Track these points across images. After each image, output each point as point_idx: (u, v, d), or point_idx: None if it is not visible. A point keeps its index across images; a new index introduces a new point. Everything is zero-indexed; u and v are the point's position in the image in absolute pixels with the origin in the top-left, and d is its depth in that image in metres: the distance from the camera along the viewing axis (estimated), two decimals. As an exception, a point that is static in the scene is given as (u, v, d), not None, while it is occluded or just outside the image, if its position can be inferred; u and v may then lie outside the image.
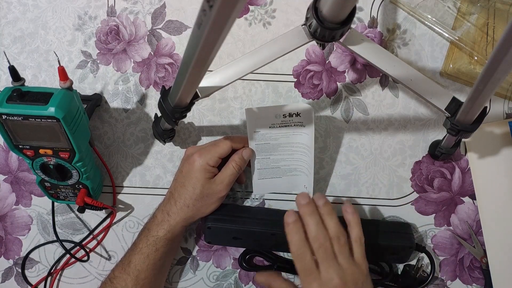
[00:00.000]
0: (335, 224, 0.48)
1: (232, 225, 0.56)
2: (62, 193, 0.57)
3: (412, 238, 0.57)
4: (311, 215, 0.49)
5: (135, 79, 0.60)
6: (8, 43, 0.60)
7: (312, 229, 0.48)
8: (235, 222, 0.56)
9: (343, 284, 0.46)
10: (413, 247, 0.57)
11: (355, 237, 0.49)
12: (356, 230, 0.50)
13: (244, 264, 0.59)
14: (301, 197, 0.50)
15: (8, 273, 0.62)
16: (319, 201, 0.50)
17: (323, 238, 0.47)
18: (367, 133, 0.61)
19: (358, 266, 0.48)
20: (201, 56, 0.33)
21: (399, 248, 0.56)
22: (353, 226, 0.50)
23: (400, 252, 0.57)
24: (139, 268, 0.53)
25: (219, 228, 0.56)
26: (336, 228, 0.48)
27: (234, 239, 0.56)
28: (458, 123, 0.47)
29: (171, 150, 0.61)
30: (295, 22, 0.60)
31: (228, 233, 0.56)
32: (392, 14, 0.60)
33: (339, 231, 0.48)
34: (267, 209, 0.61)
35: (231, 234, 0.56)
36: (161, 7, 0.60)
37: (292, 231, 0.49)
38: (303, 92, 0.61)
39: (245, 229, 0.56)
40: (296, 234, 0.48)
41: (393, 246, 0.56)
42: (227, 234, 0.56)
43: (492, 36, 0.58)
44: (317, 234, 0.47)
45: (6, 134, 0.47)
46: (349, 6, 0.37)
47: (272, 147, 0.56)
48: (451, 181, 0.61)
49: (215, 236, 0.57)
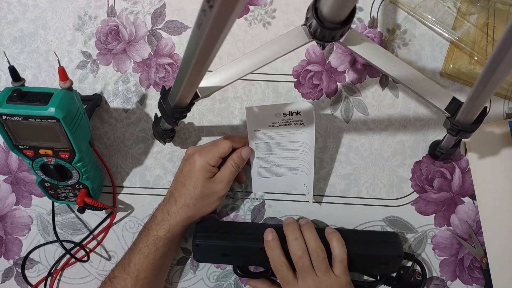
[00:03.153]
0: (313, 240, 0.53)
1: (220, 242, 0.55)
2: (62, 193, 0.57)
3: (400, 247, 0.57)
4: (292, 232, 0.54)
5: (135, 79, 0.61)
6: (8, 43, 0.60)
7: (292, 244, 0.53)
8: (224, 239, 0.56)
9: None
10: (402, 255, 0.56)
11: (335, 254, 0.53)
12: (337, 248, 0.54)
13: (239, 271, 0.59)
14: (286, 219, 0.58)
15: (8, 273, 0.62)
16: (302, 221, 0.57)
17: (301, 252, 0.52)
18: (367, 133, 0.61)
19: (337, 278, 0.52)
20: (201, 56, 0.33)
21: (388, 258, 0.56)
22: (334, 244, 0.54)
23: (389, 262, 0.56)
24: (139, 268, 0.53)
25: (207, 245, 0.56)
26: (315, 244, 0.53)
27: (223, 256, 0.56)
28: (458, 123, 0.47)
29: (171, 150, 0.61)
30: (295, 22, 0.60)
31: (216, 250, 0.56)
32: (392, 14, 0.60)
33: (317, 246, 0.53)
34: (256, 224, 0.61)
35: (219, 250, 0.56)
36: (161, 7, 0.60)
37: (270, 247, 0.54)
38: (303, 92, 0.61)
39: (234, 245, 0.55)
40: (274, 250, 0.53)
41: (381, 256, 0.56)
42: (215, 251, 0.56)
43: (492, 36, 0.58)
44: (296, 249, 0.53)
45: (6, 134, 0.47)
46: (349, 6, 0.37)
47: (272, 146, 0.56)
48: (451, 181, 0.61)
49: (204, 253, 0.56)
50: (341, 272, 0.53)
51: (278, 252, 0.53)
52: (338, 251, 0.53)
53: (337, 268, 0.53)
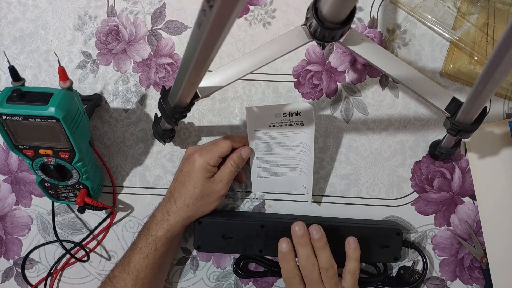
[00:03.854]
0: (326, 258, 0.52)
1: (222, 219, 0.57)
2: (62, 193, 0.57)
3: (397, 226, 0.58)
4: (304, 246, 0.52)
5: (135, 79, 0.60)
6: (8, 43, 0.60)
7: (303, 259, 0.52)
8: (225, 216, 0.58)
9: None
10: (401, 233, 0.57)
11: (349, 269, 0.53)
12: (353, 263, 0.53)
13: (239, 271, 0.59)
14: (297, 227, 0.53)
15: (8, 273, 0.62)
16: (314, 234, 0.52)
17: (311, 268, 0.52)
18: (367, 133, 0.61)
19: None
20: (201, 56, 0.33)
21: (387, 236, 0.56)
22: (352, 259, 0.53)
23: (389, 243, 0.57)
24: (139, 268, 0.53)
25: (209, 222, 0.56)
26: (327, 262, 0.52)
27: (224, 239, 0.56)
28: (458, 123, 0.47)
29: (171, 150, 0.61)
30: (295, 22, 0.60)
31: (218, 229, 0.56)
32: (392, 14, 0.60)
33: (329, 264, 0.52)
34: (258, 212, 0.62)
35: (221, 230, 0.56)
36: (161, 7, 0.60)
37: (285, 259, 0.53)
38: (303, 92, 0.61)
39: (235, 222, 0.56)
40: (287, 262, 0.53)
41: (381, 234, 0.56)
42: (217, 231, 0.56)
43: (492, 36, 0.58)
44: (307, 264, 0.52)
45: (6, 134, 0.47)
46: (349, 6, 0.37)
47: (272, 146, 0.56)
48: (451, 181, 0.61)
49: (205, 236, 0.57)
50: (350, 286, 0.52)
51: (292, 264, 0.53)
52: (352, 266, 0.52)
53: (347, 282, 0.52)
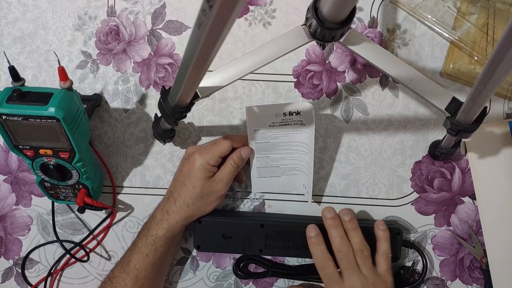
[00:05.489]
0: (359, 239, 0.52)
1: (222, 218, 0.57)
2: (62, 193, 0.57)
3: (398, 226, 0.59)
4: (335, 228, 0.52)
5: (135, 79, 0.60)
6: (8, 43, 0.60)
7: (336, 241, 0.52)
8: (226, 216, 0.58)
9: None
10: (401, 233, 0.57)
11: (382, 251, 0.53)
12: (384, 245, 0.53)
13: (239, 272, 0.59)
14: (326, 211, 0.54)
15: (8, 273, 0.62)
16: (344, 216, 0.53)
17: (346, 249, 0.51)
18: (367, 133, 0.61)
19: (382, 277, 0.51)
20: (201, 56, 0.33)
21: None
22: (382, 241, 0.53)
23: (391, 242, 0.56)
24: (138, 268, 0.53)
25: (210, 221, 0.56)
26: (360, 242, 0.52)
27: (224, 238, 0.56)
28: (458, 123, 0.47)
29: (171, 150, 0.61)
30: (295, 22, 0.60)
31: (218, 229, 0.56)
32: (392, 14, 0.60)
33: (363, 245, 0.51)
34: (258, 212, 0.62)
35: (221, 229, 0.56)
36: (161, 7, 0.60)
37: (314, 244, 0.53)
38: (303, 92, 0.61)
39: (236, 222, 0.57)
40: (318, 246, 0.52)
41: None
42: (217, 230, 0.56)
43: (492, 36, 0.58)
44: (341, 246, 0.51)
45: (6, 134, 0.47)
46: (349, 6, 0.37)
47: (272, 145, 0.56)
48: (451, 181, 0.61)
49: (205, 235, 0.57)
50: (385, 271, 0.52)
51: (322, 248, 0.52)
52: (384, 247, 0.52)
53: (381, 266, 0.52)
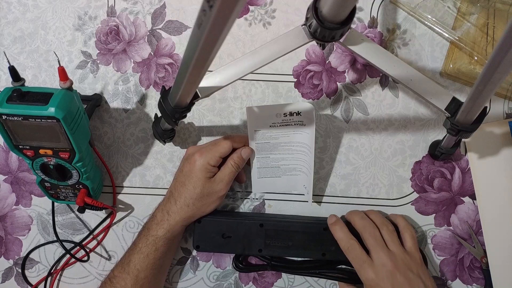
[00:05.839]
0: (380, 217, 0.53)
1: (221, 218, 0.57)
2: (62, 193, 0.57)
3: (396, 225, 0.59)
4: (354, 213, 0.55)
5: (135, 79, 0.60)
6: (8, 43, 0.60)
7: (358, 222, 0.53)
8: (225, 216, 0.58)
9: (397, 268, 0.49)
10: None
11: (403, 226, 0.54)
12: (404, 221, 0.55)
13: (239, 263, 0.59)
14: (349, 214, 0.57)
15: (8, 273, 0.62)
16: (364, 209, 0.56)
17: (370, 226, 0.51)
18: (367, 133, 0.61)
19: (411, 254, 0.51)
20: (201, 56, 0.33)
21: None
22: (400, 219, 0.55)
23: None
24: (139, 268, 0.53)
25: (209, 221, 0.56)
26: (382, 219, 0.52)
27: (223, 238, 0.56)
28: (458, 123, 0.47)
29: (171, 150, 0.61)
30: (295, 22, 0.60)
31: (217, 228, 0.56)
32: (392, 14, 0.60)
33: (385, 221, 0.52)
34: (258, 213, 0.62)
35: (220, 229, 0.56)
36: (161, 7, 0.60)
37: (336, 229, 0.53)
38: (303, 92, 0.61)
39: (235, 221, 0.57)
40: (341, 230, 0.53)
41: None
42: (216, 230, 0.56)
43: (492, 36, 0.58)
44: (365, 224, 0.52)
45: (6, 134, 0.47)
46: (349, 6, 0.37)
47: (272, 146, 0.56)
48: (451, 181, 0.61)
49: (204, 235, 0.57)
50: (412, 247, 0.52)
51: (345, 230, 0.53)
52: (404, 223, 0.54)
53: (407, 242, 0.52)
